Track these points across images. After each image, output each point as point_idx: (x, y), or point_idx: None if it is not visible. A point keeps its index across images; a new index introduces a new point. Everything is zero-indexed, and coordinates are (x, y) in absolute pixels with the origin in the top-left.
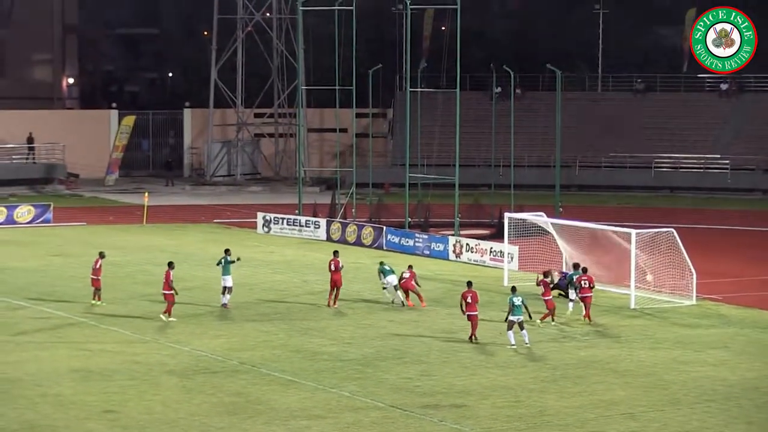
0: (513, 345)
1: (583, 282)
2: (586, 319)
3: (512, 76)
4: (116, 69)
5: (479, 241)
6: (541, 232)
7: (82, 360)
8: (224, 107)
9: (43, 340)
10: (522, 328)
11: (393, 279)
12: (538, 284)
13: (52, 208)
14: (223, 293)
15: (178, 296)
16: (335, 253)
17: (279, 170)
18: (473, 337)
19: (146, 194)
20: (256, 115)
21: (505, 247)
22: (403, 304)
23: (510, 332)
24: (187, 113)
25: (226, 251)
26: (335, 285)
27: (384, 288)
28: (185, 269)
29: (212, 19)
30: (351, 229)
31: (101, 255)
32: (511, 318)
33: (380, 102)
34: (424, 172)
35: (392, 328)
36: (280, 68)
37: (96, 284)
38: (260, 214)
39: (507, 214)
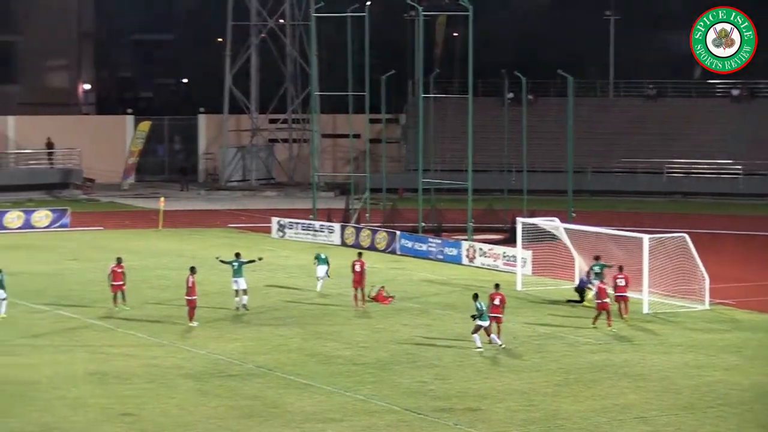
0: (479, 348)
1: (618, 280)
2: (624, 316)
3: (524, 81)
4: (132, 75)
5: (492, 246)
6: (554, 237)
7: (99, 363)
8: (239, 113)
9: (60, 343)
10: (489, 333)
11: (321, 270)
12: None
13: (69, 212)
14: (236, 296)
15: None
16: (359, 254)
17: (293, 175)
18: (497, 336)
19: (162, 199)
20: (270, 121)
21: (518, 251)
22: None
23: (476, 335)
24: (202, 119)
25: (237, 255)
26: (358, 285)
27: (318, 278)
28: (201, 274)
29: (226, 25)
30: (365, 233)
31: (118, 260)
32: (479, 323)
33: (393, 108)
34: (438, 177)
35: (406, 332)
36: (294, 74)
37: (117, 289)
38: (275, 219)
39: (520, 219)
